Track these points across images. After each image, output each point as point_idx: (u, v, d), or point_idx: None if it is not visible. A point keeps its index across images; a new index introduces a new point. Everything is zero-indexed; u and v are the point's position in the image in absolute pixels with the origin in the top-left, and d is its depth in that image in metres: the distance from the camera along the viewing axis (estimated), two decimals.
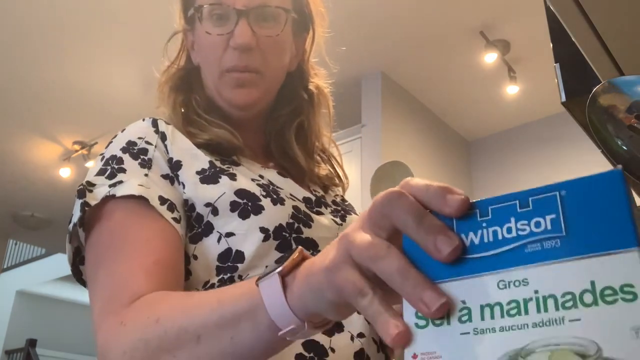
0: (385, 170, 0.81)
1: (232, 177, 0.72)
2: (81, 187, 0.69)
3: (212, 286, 0.67)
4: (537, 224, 0.33)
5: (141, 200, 0.66)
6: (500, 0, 2.84)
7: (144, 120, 0.78)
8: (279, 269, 0.45)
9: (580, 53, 0.69)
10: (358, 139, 3.26)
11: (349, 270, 0.38)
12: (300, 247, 0.49)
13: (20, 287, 8.28)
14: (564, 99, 0.74)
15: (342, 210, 0.81)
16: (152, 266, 0.61)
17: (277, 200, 0.70)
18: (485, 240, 0.34)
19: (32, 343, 6.92)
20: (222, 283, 0.66)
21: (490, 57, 3.13)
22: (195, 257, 0.69)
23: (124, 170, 0.71)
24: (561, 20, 0.67)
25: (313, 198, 0.79)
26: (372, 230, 0.38)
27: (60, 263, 7.52)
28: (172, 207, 0.68)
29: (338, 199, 0.87)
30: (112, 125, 4.54)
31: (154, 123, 0.77)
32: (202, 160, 0.74)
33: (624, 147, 0.63)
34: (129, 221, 0.66)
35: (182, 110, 0.80)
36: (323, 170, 0.89)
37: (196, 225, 0.70)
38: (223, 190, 0.69)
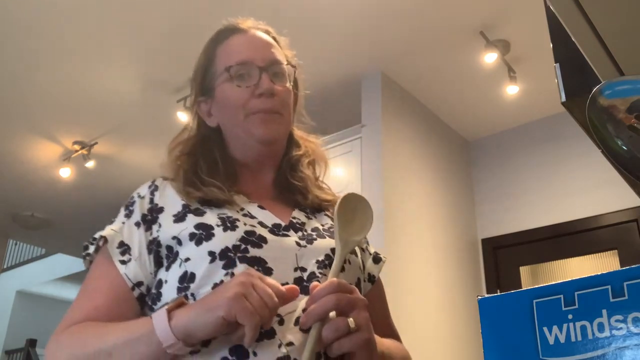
0: (351, 198, 0.92)
1: (201, 214, 0.92)
2: (85, 243, 0.96)
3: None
4: (637, 322, 0.25)
5: (107, 242, 0.92)
6: (500, 0, 2.84)
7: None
8: (167, 307, 0.78)
9: (580, 53, 0.69)
10: (358, 139, 3.26)
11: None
12: (182, 296, 0.83)
13: (20, 287, 8.28)
14: (564, 99, 0.74)
15: (317, 236, 0.95)
16: (91, 310, 0.87)
17: (229, 228, 0.88)
18: (573, 338, 0.26)
19: (32, 343, 6.92)
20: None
21: (490, 57, 3.13)
22: (166, 282, 0.88)
23: (112, 221, 0.96)
24: (561, 20, 0.67)
25: (283, 224, 0.95)
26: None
27: (60, 263, 7.52)
28: (125, 251, 0.91)
29: (326, 227, 1.00)
30: (112, 125, 4.57)
31: (153, 180, 1.00)
32: (179, 205, 0.94)
33: (624, 147, 0.63)
34: (95, 268, 0.93)
35: (184, 174, 0.98)
36: (328, 195, 1.07)
37: (170, 255, 0.90)
38: (186, 226, 0.90)
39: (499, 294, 0.38)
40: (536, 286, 0.34)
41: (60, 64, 3.36)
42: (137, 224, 0.94)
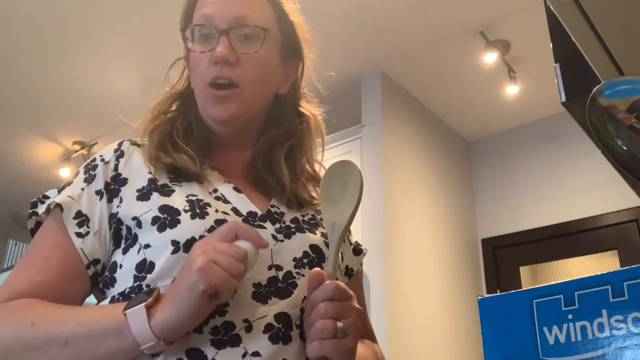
0: (336, 169, 0.78)
1: (167, 193, 0.80)
2: (34, 200, 0.83)
3: (129, 291, 0.75)
4: (637, 322, 0.25)
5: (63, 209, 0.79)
6: (500, 0, 2.84)
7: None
8: (145, 303, 0.66)
9: (580, 53, 0.69)
10: (358, 139, 3.26)
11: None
12: (158, 288, 0.69)
13: None
14: (564, 99, 0.74)
15: (296, 229, 0.84)
16: (37, 284, 0.75)
17: (197, 215, 0.77)
18: (573, 338, 0.26)
19: None
20: (132, 290, 0.75)
21: (490, 57, 3.13)
22: (121, 266, 0.78)
23: (70, 183, 0.83)
24: (561, 20, 0.67)
25: (259, 213, 0.83)
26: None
27: None
28: (83, 223, 0.79)
29: (306, 218, 0.89)
30: (112, 126, 4.57)
31: (120, 143, 0.88)
32: (144, 178, 0.82)
33: (624, 147, 0.63)
34: (46, 234, 0.79)
35: (158, 135, 0.87)
36: (309, 194, 0.92)
37: (129, 237, 0.78)
38: (150, 207, 0.78)
39: (499, 294, 0.38)
40: (536, 286, 0.34)
41: (60, 64, 3.36)
42: (99, 193, 0.81)
